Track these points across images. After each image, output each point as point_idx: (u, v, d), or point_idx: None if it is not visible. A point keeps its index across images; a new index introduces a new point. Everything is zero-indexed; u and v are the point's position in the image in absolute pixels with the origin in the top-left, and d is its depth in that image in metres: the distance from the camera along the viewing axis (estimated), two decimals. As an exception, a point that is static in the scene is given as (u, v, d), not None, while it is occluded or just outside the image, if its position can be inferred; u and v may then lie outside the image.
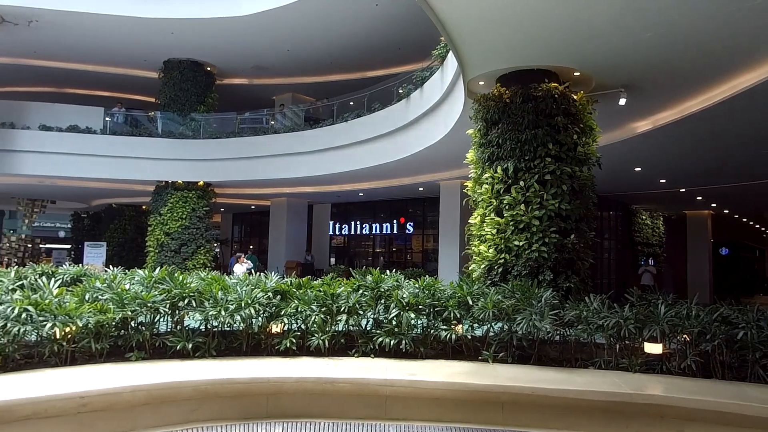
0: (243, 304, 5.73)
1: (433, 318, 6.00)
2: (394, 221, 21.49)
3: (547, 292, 6.11)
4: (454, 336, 5.72)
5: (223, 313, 5.66)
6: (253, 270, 12.71)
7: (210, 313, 5.70)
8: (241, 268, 13.62)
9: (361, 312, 6.07)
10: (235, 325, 5.93)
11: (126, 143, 17.74)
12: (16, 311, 4.98)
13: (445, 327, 5.82)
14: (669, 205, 20.60)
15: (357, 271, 6.61)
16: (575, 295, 7.05)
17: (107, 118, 18.45)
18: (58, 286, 5.98)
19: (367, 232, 22.55)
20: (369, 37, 16.64)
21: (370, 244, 23.37)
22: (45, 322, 5.08)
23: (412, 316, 5.80)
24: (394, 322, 5.84)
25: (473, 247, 8.31)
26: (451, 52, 10.24)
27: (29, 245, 20.91)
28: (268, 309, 5.98)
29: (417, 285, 6.32)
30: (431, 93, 12.39)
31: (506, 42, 7.40)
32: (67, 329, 5.22)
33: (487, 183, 8.10)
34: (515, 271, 7.57)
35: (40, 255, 21.68)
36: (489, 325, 5.91)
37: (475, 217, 8.31)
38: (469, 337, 5.89)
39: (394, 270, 6.95)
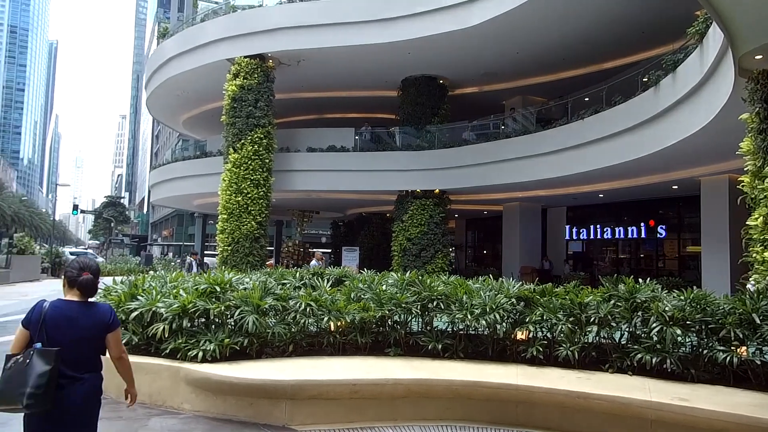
0: (488, 309, 5.83)
1: (706, 336, 5.20)
2: (642, 224, 19.32)
3: None
4: (735, 359, 4.86)
5: (468, 316, 5.85)
6: None
7: (456, 316, 5.95)
8: None
9: (614, 324, 5.61)
10: (480, 329, 6.08)
11: (372, 158, 19.80)
12: (302, 306, 5.98)
13: (722, 348, 4.98)
14: None
15: (607, 279, 6.14)
16: None
17: (356, 137, 20.88)
18: (329, 286, 6.99)
19: (609, 237, 20.76)
20: (607, 25, 15.36)
21: (612, 250, 21.48)
22: (323, 316, 5.98)
23: (678, 332, 5.11)
24: (655, 338, 5.23)
25: (754, 254, 6.93)
26: (713, 25, 8.82)
27: (301, 249, 24.95)
28: (512, 315, 5.97)
29: (681, 297, 5.56)
30: (686, 77, 10.84)
31: (797, 2, 6.01)
32: (339, 323, 6.04)
33: (772, 176, 6.69)
34: (819, 284, 6.06)
35: (309, 258, 25.60)
36: (786, 351, 4.86)
37: (756, 218, 6.92)
38: (758, 362, 4.92)
39: (648, 279, 6.23)
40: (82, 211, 61.75)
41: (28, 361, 2.71)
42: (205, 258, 31.45)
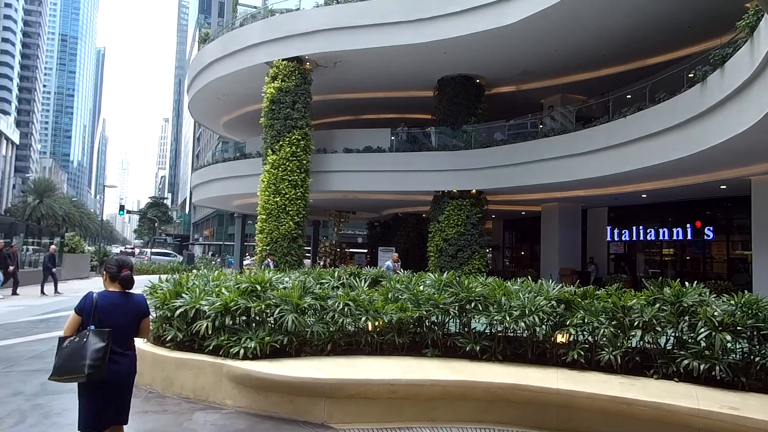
0: (527, 311, 5.75)
1: (758, 343, 4.99)
2: (688, 225, 18.64)
3: None
4: (790, 367, 4.65)
5: (507, 318, 5.79)
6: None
7: (495, 317, 5.89)
8: None
9: (659, 329, 5.45)
10: (518, 332, 6.01)
11: (409, 158, 19.79)
12: (340, 305, 6.04)
13: (776, 355, 4.78)
14: None
15: (651, 282, 5.96)
16: None
17: (392, 137, 20.91)
18: (366, 286, 7.04)
19: (653, 238, 20.13)
20: (650, 19, 14.91)
21: (656, 252, 20.82)
22: (360, 316, 6.03)
23: (728, 338, 4.92)
24: (703, 344, 5.06)
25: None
26: (765, 18, 8.45)
27: (338, 249, 25.22)
28: (552, 318, 5.88)
29: (731, 301, 5.35)
30: (736, 72, 10.41)
31: None
32: (377, 323, 6.08)
33: (830, 176, 6.36)
34: None
35: (345, 257, 25.93)
36: None
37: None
38: (815, 371, 4.70)
39: (695, 282, 6.02)
40: (128, 212, 64.03)
41: (85, 339, 3.28)
42: (245, 260, 32.09)
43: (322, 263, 23.30)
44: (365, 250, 32.92)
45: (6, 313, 12.63)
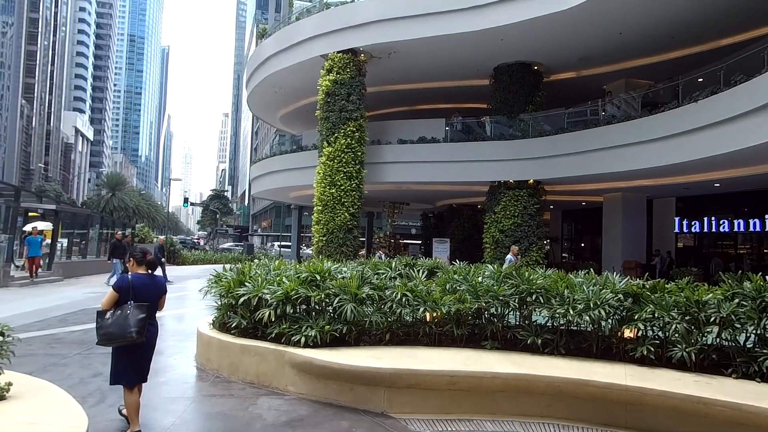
0: (591, 305, 5.55)
1: None
2: (766, 216, 17.42)
3: None
4: None
5: (570, 311, 5.61)
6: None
7: (557, 310, 5.72)
8: None
9: (739, 325, 5.11)
10: (582, 325, 5.81)
11: (464, 148, 19.50)
12: (398, 296, 6.04)
13: None
14: None
15: (729, 276, 5.60)
16: None
17: (447, 128, 20.66)
18: (424, 277, 7.00)
19: (727, 230, 18.94)
20: (725, -3, 13.94)
21: (730, 244, 19.61)
22: (419, 307, 6.01)
23: (818, 337, 4.56)
24: (788, 342, 4.71)
25: None
26: None
27: (392, 240, 25.28)
28: (618, 312, 5.65)
29: (821, 298, 4.94)
30: (826, 49, 9.57)
31: None
32: (435, 314, 6.05)
33: None
34: None
35: (399, 249, 25.95)
36: None
37: None
38: None
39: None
40: (192, 204, 66.73)
41: (128, 312, 4.13)
42: (302, 250, 32.76)
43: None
44: (419, 242, 32.85)
45: (85, 300, 13.49)
